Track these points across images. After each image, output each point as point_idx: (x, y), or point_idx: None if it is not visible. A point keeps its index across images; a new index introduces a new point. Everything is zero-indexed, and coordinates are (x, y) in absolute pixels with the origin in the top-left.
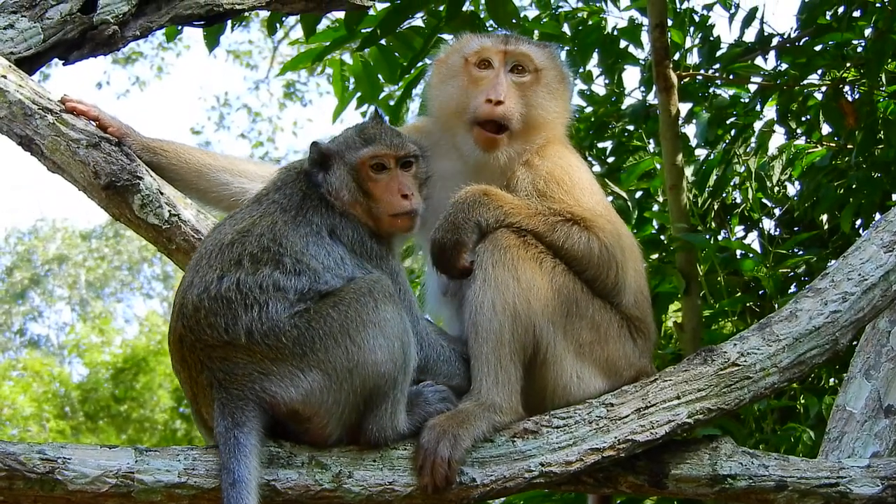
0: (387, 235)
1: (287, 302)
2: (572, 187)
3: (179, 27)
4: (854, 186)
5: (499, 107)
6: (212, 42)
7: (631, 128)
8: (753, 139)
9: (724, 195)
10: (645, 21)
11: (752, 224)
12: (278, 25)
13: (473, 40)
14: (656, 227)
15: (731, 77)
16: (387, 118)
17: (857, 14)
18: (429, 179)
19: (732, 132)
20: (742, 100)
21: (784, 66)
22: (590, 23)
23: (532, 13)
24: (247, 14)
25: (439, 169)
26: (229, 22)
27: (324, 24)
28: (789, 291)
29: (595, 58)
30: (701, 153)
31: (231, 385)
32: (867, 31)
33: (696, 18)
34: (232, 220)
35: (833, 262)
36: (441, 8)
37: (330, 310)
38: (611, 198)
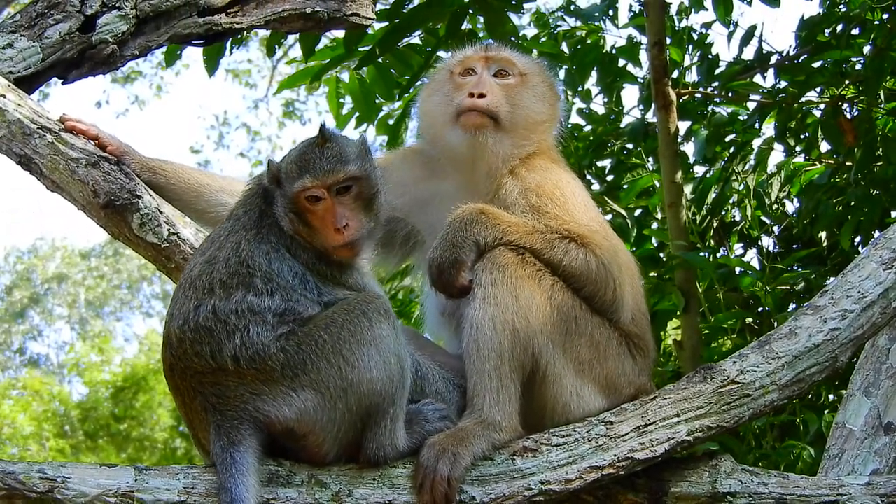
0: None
1: (267, 325)
2: (566, 203)
3: (179, 51)
4: (853, 203)
5: (481, 99)
6: (211, 65)
7: (630, 146)
8: (752, 157)
9: (722, 212)
10: (643, 39)
11: (751, 241)
12: (277, 47)
13: (457, 54)
14: (655, 244)
15: (729, 95)
16: (385, 140)
17: (855, 32)
18: (377, 195)
19: (731, 150)
20: (741, 117)
21: (783, 84)
22: (588, 41)
23: (531, 32)
24: (245, 34)
25: (434, 189)
26: (228, 45)
27: (322, 42)
28: (788, 309)
29: (594, 76)
30: (700, 171)
31: (225, 407)
32: (866, 49)
33: (695, 36)
34: (205, 244)
35: (832, 279)
36: (439, 27)
37: (322, 332)
38: (610, 216)
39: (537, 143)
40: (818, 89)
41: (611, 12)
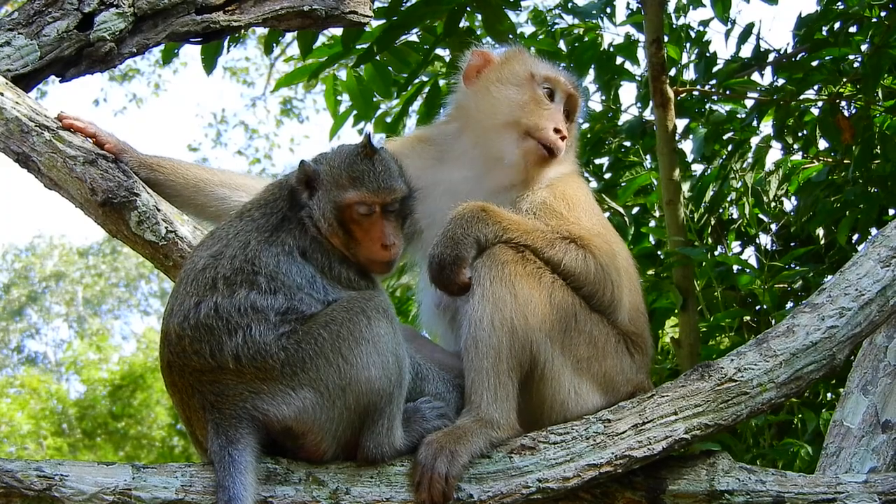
0: (364, 267)
1: (269, 323)
2: (571, 206)
3: (176, 49)
4: (851, 201)
5: (563, 140)
6: (209, 64)
7: (628, 144)
8: (750, 154)
9: (720, 210)
10: (641, 37)
11: (748, 239)
12: (275, 45)
13: (544, 63)
14: (653, 242)
15: (727, 92)
16: (383, 136)
17: (853, 29)
18: (412, 213)
19: (729, 148)
20: (738, 115)
21: (781, 82)
22: (586, 39)
23: (529, 30)
24: (243, 32)
25: (439, 178)
26: (226, 44)
27: (320, 40)
28: (786, 306)
29: (591, 74)
30: (697, 168)
31: (223, 405)
32: (864, 47)
33: (693, 34)
34: (210, 240)
35: (830, 277)
36: (437, 24)
37: (321, 330)
38: (608, 213)
39: (565, 169)
40: (816, 87)
41: (608, 10)
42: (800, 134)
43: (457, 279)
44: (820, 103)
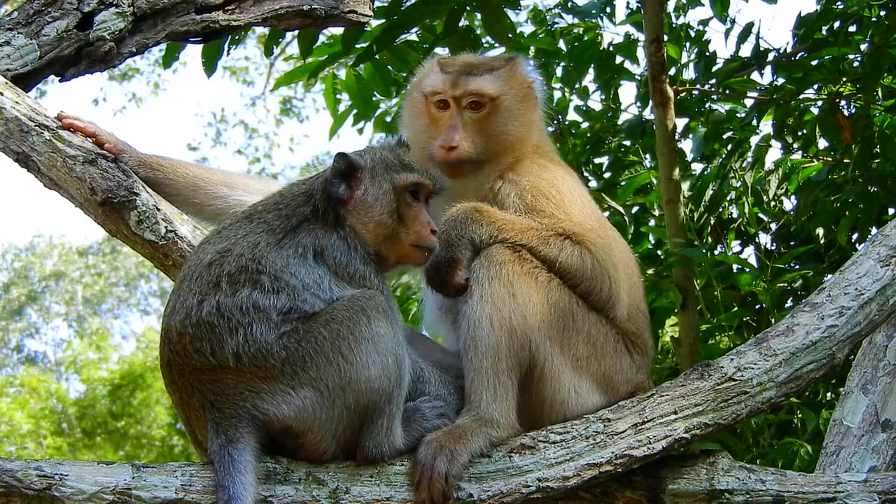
0: (391, 264)
1: (271, 323)
2: (561, 201)
3: (177, 52)
4: (850, 200)
5: (452, 152)
6: (210, 66)
7: (627, 143)
8: (750, 154)
9: (720, 210)
10: (641, 36)
11: (748, 239)
12: (275, 47)
13: (429, 78)
14: (653, 241)
15: (727, 92)
16: (383, 136)
17: (853, 29)
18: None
19: (729, 147)
20: (738, 115)
21: (780, 81)
22: (585, 38)
23: (528, 29)
24: (243, 31)
25: None
26: (226, 45)
27: (319, 39)
28: (786, 306)
29: (591, 73)
30: (697, 168)
31: (223, 405)
32: (863, 46)
33: (692, 33)
34: (217, 238)
35: (830, 276)
36: (437, 24)
37: (321, 328)
38: (607, 213)
39: (520, 150)
40: (816, 86)
41: (608, 9)
42: (799, 133)
43: (452, 281)
44: (820, 103)
